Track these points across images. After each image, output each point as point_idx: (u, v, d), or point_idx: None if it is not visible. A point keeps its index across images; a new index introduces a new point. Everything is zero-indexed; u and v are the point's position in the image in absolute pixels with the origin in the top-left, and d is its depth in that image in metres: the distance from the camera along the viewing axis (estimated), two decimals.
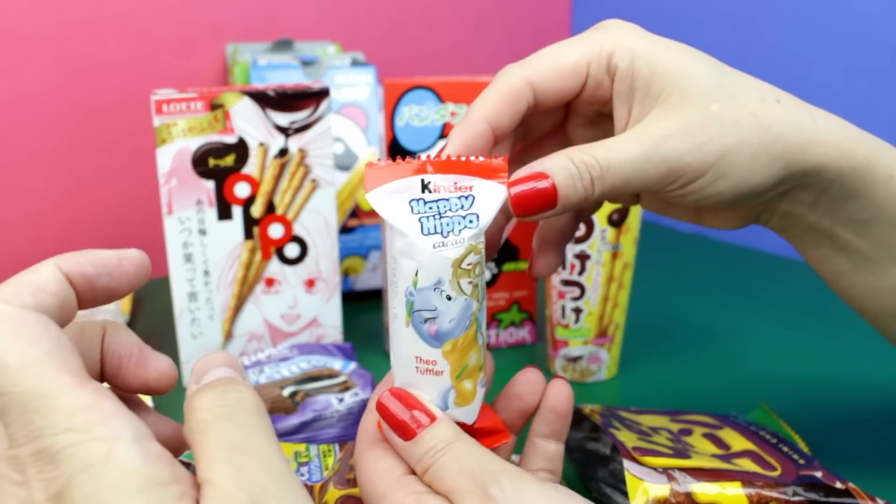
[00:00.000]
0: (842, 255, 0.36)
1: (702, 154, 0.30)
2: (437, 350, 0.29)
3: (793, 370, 0.56)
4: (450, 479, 0.27)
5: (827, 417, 0.48)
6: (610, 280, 0.51)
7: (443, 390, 0.29)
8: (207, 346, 0.53)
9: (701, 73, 0.31)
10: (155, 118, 0.48)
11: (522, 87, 0.32)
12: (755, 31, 0.85)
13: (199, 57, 0.81)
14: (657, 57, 0.31)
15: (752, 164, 0.31)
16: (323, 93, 0.51)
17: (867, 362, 0.57)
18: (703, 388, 0.53)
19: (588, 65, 0.32)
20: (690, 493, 0.34)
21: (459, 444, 0.28)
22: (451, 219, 0.28)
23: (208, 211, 0.51)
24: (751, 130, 0.31)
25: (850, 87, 0.77)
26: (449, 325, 0.29)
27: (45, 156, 0.76)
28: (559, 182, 0.30)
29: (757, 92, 0.32)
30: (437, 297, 0.28)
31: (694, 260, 0.83)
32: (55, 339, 0.21)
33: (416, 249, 0.28)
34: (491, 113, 0.31)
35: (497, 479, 0.27)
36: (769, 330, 0.63)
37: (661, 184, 0.31)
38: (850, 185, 0.34)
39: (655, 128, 0.31)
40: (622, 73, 0.32)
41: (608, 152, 0.30)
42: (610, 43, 0.32)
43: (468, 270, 0.28)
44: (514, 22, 1.01)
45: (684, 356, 0.58)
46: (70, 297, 0.24)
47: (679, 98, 0.31)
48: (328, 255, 0.54)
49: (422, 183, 0.29)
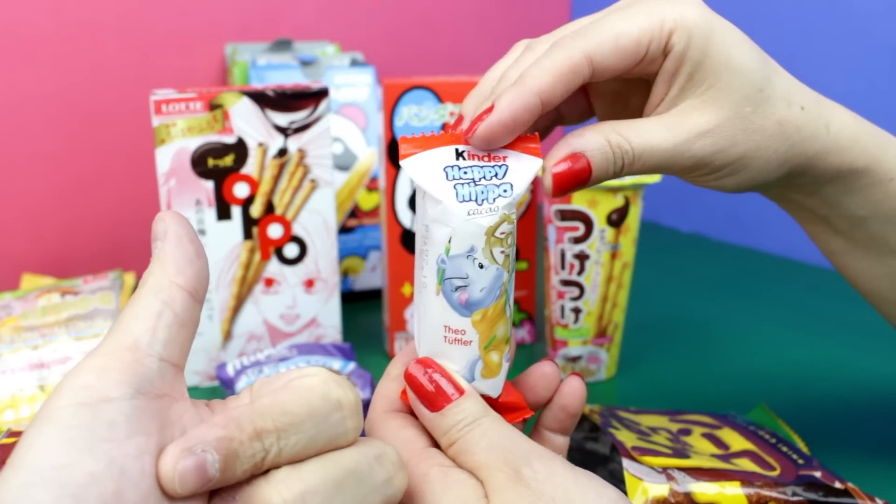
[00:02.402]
0: (837, 238, 0.38)
1: (725, 155, 0.32)
2: (467, 319, 0.29)
3: (792, 370, 0.56)
4: (479, 454, 0.27)
5: (826, 417, 0.48)
6: (609, 280, 0.51)
7: (470, 361, 0.29)
8: (207, 346, 0.53)
9: (746, 68, 0.31)
10: (154, 118, 0.48)
11: (583, 63, 0.30)
12: (755, 31, 0.85)
13: (198, 57, 0.81)
14: (710, 43, 0.31)
15: (763, 167, 0.33)
16: (322, 93, 0.51)
17: (867, 362, 0.57)
18: (703, 388, 0.53)
19: (649, 42, 0.31)
20: (690, 493, 0.34)
21: (488, 420, 0.28)
22: (485, 187, 0.28)
23: (207, 211, 0.51)
24: (771, 138, 0.32)
25: (850, 87, 0.77)
26: (480, 293, 0.28)
27: (45, 156, 0.76)
28: (595, 163, 0.30)
29: (787, 96, 0.33)
30: (469, 265, 0.28)
31: (693, 260, 0.83)
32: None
33: (450, 216, 0.28)
34: (546, 88, 0.29)
35: (529, 461, 0.26)
36: (768, 330, 0.63)
37: (683, 173, 0.33)
38: (847, 185, 0.35)
39: (691, 121, 0.31)
40: (676, 54, 0.31)
41: (643, 141, 0.31)
42: (671, 19, 0.30)
43: (501, 240, 0.28)
44: (514, 22, 1.01)
45: (683, 356, 0.58)
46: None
47: (719, 93, 0.31)
48: (327, 255, 0.54)
49: (456, 151, 0.29)
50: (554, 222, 0.51)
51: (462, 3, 0.97)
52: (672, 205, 0.99)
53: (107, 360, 0.21)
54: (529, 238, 0.59)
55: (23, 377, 0.48)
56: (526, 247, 0.59)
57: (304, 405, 0.22)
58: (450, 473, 0.27)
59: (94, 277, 0.67)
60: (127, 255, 0.82)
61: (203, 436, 0.21)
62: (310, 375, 0.23)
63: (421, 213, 0.29)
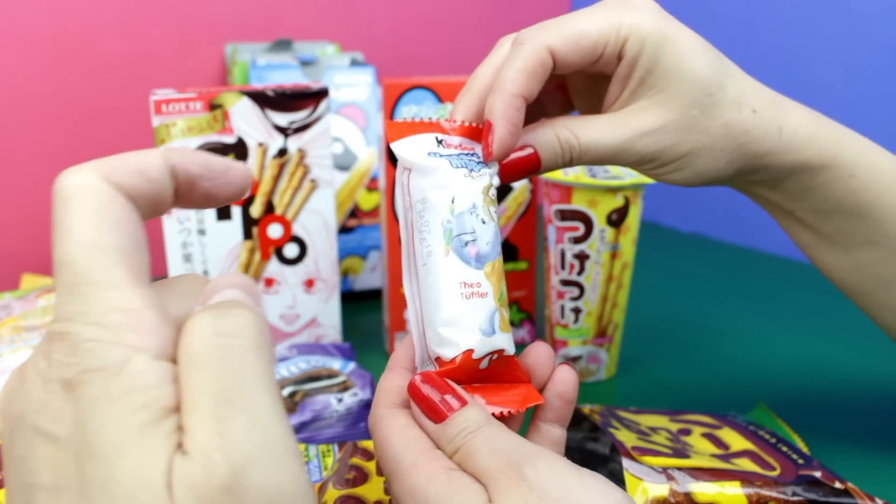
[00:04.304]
0: (806, 231, 0.40)
1: (670, 152, 0.34)
2: (481, 272, 0.30)
3: (792, 370, 0.56)
4: (481, 459, 0.27)
5: (826, 417, 0.48)
6: (609, 280, 0.51)
7: (489, 313, 0.30)
8: None
9: (695, 75, 0.34)
10: (154, 118, 0.48)
11: (547, 56, 0.33)
12: (755, 31, 0.85)
13: (198, 57, 0.81)
14: (662, 52, 0.33)
15: (711, 164, 0.35)
16: (322, 93, 0.51)
17: (867, 362, 0.57)
18: (702, 388, 0.53)
19: (605, 46, 0.33)
20: (689, 493, 0.34)
21: (490, 427, 0.28)
22: (468, 162, 0.32)
23: (207, 211, 0.51)
24: (717, 139, 0.35)
25: (850, 87, 0.77)
26: (486, 246, 0.31)
27: (45, 156, 0.76)
28: (543, 155, 0.34)
29: (739, 100, 0.35)
30: (474, 220, 0.31)
31: (693, 260, 0.83)
32: (132, 233, 0.21)
33: (450, 179, 0.31)
34: (524, 87, 0.32)
35: (532, 461, 0.26)
36: (768, 330, 0.63)
37: (630, 166, 0.36)
38: (806, 181, 0.37)
39: (637, 121, 0.34)
40: (629, 60, 0.34)
41: (590, 138, 0.34)
42: (627, 26, 0.33)
43: (493, 200, 0.32)
44: (514, 22, 1.01)
45: (683, 356, 0.58)
46: (167, 189, 0.22)
47: (667, 97, 0.34)
48: (327, 255, 0.54)
49: (436, 139, 0.32)
50: (554, 222, 0.51)
51: (462, 3, 0.97)
52: (672, 205, 0.99)
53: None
54: (529, 238, 0.59)
55: None
56: (526, 247, 0.59)
57: None
58: (455, 476, 0.27)
59: None
60: None
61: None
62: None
63: (410, 194, 0.32)
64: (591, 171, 0.50)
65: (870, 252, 0.39)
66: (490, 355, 0.30)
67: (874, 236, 0.38)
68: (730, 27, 0.88)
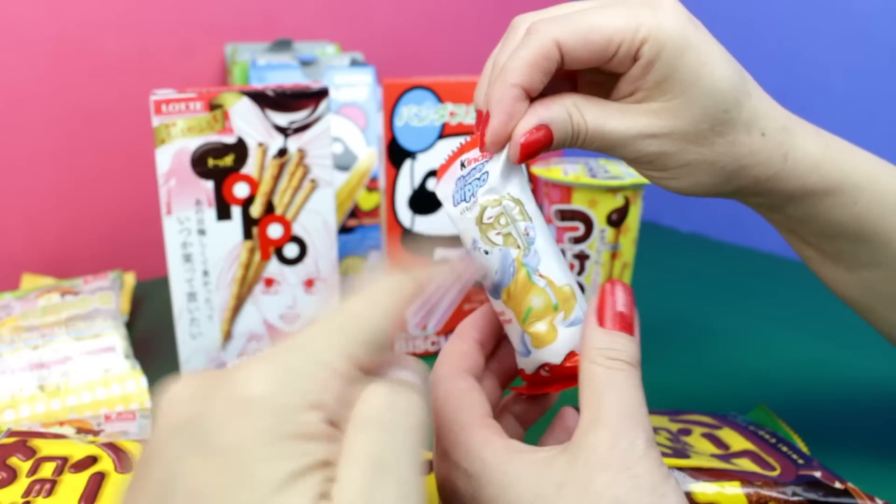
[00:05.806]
0: (809, 248, 0.39)
1: (670, 159, 0.33)
2: (500, 301, 0.31)
3: (792, 370, 0.55)
4: (606, 397, 0.27)
5: (826, 417, 0.48)
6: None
7: (518, 336, 0.31)
8: (206, 347, 0.53)
9: (713, 88, 0.32)
10: (154, 118, 0.48)
11: (555, 51, 0.31)
12: (755, 31, 0.85)
13: (198, 57, 0.81)
14: (682, 59, 0.31)
15: (710, 178, 0.34)
16: (322, 93, 0.51)
17: (867, 362, 0.57)
18: (703, 388, 0.53)
19: (619, 45, 0.31)
20: (690, 493, 0.34)
21: (636, 373, 0.29)
22: (471, 184, 0.32)
23: (207, 211, 0.51)
24: (721, 156, 0.33)
25: (850, 87, 0.77)
26: (496, 276, 0.31)
27: (45, 156, 0.76)
28: (556, 133, 0.33)
29: (751, 122, 0.33)
30: (479, 256, 0.31)
31: (693, 260, 0.83)
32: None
33: (454, 220, 0.32)
34: (525, 78, 0.31)
35: (647, 428, 0.27)
36: (768, 330, 0.63)
37: (629, 162, 0.35)
38: (809, 206, 0.36)
39: (645, 121, 0.33)
40: (644, 63, 0.31)
41: (597, 124, 0.33)
42: (647, 27, 0.31)
43: (490, 224, 0.31)
44: None
45: (683, 356, 0.58)
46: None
47: (680, 105, 0.32)
48: (327, 256, 0.54)
49: (461, 164, 0.33)
50: (554, 222, 0.51)
51: (462, 3, 0.97)
52: (672, 205, 0.99)
53: None
54: None
55: (23, 377, 0.48)
56: None
57: None
58: (511, 445, 0.28)
59: (94, 277, 0.67)
60: (127, 255, 0.82)
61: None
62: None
63: None
64: (591, 172, 0.50)
65: (874, 272, 0.38)
66: (540, 368, 0.31)
67: (879, 258, 0.37)
68: (730, 27, 0.88)
